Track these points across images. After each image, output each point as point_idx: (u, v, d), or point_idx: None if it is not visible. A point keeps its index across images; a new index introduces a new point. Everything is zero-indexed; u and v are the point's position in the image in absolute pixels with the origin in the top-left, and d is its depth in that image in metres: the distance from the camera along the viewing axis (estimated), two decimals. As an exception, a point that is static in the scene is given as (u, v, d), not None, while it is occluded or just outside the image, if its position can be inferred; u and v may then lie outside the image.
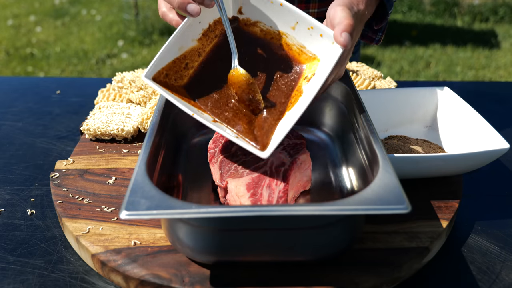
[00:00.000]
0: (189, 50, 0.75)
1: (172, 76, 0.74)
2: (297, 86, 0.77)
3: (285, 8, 0.74)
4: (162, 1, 0.78)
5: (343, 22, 0.68)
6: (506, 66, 3.53)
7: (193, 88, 0.76)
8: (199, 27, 0.75)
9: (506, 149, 0.75)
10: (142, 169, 0.61)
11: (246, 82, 0.74)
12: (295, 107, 0.74)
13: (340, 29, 0.68)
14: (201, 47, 0.76)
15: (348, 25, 0.68)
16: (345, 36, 0.67)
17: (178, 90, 0.74)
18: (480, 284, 0.66)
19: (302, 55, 0.77)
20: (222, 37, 0.78)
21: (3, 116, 1.13)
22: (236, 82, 0.74)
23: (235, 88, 0.75)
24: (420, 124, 0.94)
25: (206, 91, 0.76)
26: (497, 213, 0.80)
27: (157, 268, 0.64)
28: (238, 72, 0.74)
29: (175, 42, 0.73)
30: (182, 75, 0.75)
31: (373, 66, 3.43)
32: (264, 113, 0.75)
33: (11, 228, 0.76)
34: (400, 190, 0.57)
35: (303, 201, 0.75)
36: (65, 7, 4.94)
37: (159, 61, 0.72)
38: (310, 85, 0.74)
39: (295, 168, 0.73)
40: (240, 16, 0.78)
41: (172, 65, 0.74)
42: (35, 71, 3.50)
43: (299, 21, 0.74)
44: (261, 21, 0.78)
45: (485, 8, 4.47)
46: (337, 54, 0.69)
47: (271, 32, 0.78)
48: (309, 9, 1.14)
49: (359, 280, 0.62)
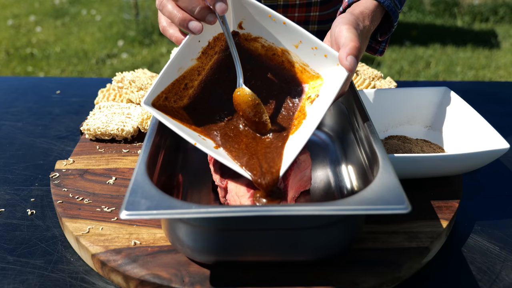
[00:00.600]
0: (189, 70, 0.73)
1: (172, 98, 0.71)
2: (300, 107, 0.74)
3: (288, 26, 0.71)
4: (162, 16, 0.74)
5: (348, 45, 0.66)
6: (506, 66, 3.53)
7: (194, 108, 0.73)
8: (199, 46, 0.72)
9: (506, 149, 0.75)
10: (142, 169, 0.61)
11: (252, 102, 0.71)
12: (300, 132, 0.70)
13: (346, 52, 0.66)
14: (200, 66, 0.74)
15: (354, 48, 0.66)
16: (350, 60, 0.65)
17: (178, 111, 0.71)
18: (480, 284, 0.66)
19: (305, 73, 0.74)
20: (221, 54, 0.75)
21: (3, 116, 1.13)
22: (241, 102, 0.71)
23: (240, 108, 0.72)
24: (420, 124, 0.94)
25: (206, 112, 0.74)
26: (497, 213, 0.80)
27: (157, 268, 0.64)
28: (243, 92, 0.71)
29: (174, 64, 0.70)
30: (182, 95, 0.73)
31: (373, 66, 3.43)
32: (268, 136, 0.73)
33: (11, 228, 0.76)
34: (400, 190, 0.57)
35: (303, 201, 0.75)
36: (65, 7, 4.94)
37: (159, 86, 0.69)
38: (314, 108, 0.71)
39: (295, 168, 0.73)
40: (241, 31, 0.75)
41: (172, 87, 0.71)
42: (35, 71, 3.50)
43: (302, 41, 0.71)
44: (262, 37, 0.75)
45: (485, 8, 4.47)
46: (342, 77, 0.67)
47: (273, 49, 0.75)
48: (310, 13, 1.12)
49: (359, 280, 0.62)
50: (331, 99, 0.67)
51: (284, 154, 0.69)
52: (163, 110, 0.69)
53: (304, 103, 0.74)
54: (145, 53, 3.76)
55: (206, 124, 0.73)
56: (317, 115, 0.68)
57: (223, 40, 0.74)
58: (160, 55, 3.69)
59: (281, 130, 0.73)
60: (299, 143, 0.67)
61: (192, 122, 0.72)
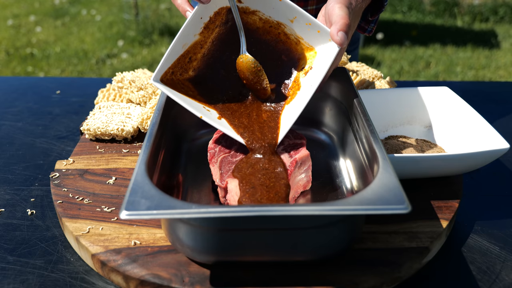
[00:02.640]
0: (192, 44, 0.78)
1: (178, 72, 0.77)
2: (295, 78, 0.81)
3: (284, 3, 0.76)
4: None
5: (339, 22, 0.72)
6: (506, 66, 3.53)
7: (198, 79, 0.79)
8: (201, 22, 0.77)
9: (506, 149, 0.75)
10: (142, 169, 0.61)
11: (255, 68, 0.77)
12: (295, 103, 0.76)
13: (337, 29, 0.72)
14: (202, 40, 0.78)
15: (344, 24, 0.72)
16: (341, 35, 0.71)
17: (184, 83, 0.77)
18: (480, 284, 0.66)
19: (300, 45, 0.80)
20: (222, 27, 0.79)
21: (3, 116, 1.13)
22: (244, 68, 0.77)
23: (243, 74, 0.78)
24: (420, 124, 0.94)
25: (210, 82, 0.79)
26: (497, 213, 0.80)
27: (157, 268, 0.64)
28: (246, 59, 0.77)
29: (178, 42, 0.75)
30: (187, 68, 0.78)
31: (373, 66, 3.43)
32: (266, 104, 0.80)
33: (11, 228, 0.76)
34: (400, 190, 0.57)
35: (303, 201, 0.75)
36: (65, 7, 4.94)
37: (165, 63, 0.74)
38: (307, 80, 0.78)
39: (295, 168, 0.73)
40: (240, 4, 0.79)
41: (177, 62, 0.76)
42: (35, 71, 3.50)
43: (297, 16, 0.77)
44: (260, 11, 0.79)
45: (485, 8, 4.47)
46: (334, 52, 0.73)
47: (270, 22, 0.80)
48: (308, 6, 1.14)
49: (359, 280, 0.62)
50: (324, 71, 0.74)
51: (281, 122, 0.77)
52: (170, 85, 0.75)
53: (298, 74, 0.80)
54: (145, 53, 3.76)
55: (210, 94, 0.79)
56: (310, 87, 0.75)
57: (223, 14, 0.79)
58: (160, 55, 3.68)
59: (278, 100, 0.80)
60: (294, 113, 0.75)
61: (196, 92, 0.78)
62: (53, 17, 4.65)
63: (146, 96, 1.06)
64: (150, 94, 1.07)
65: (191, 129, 0.90)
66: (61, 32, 4.27)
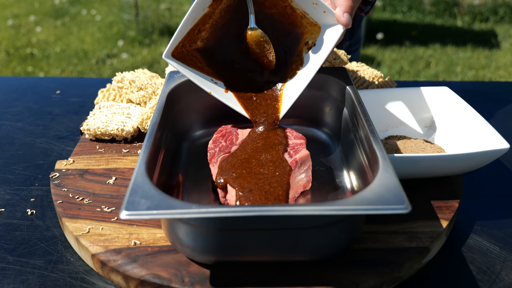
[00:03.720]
0: (201, 17, 0.79)
1: (187, 44, 0.79)
2: (298, 51, 0.84)
3: None
4: None
5: (344, 4, 0.77)
6: (506, 66, 3.53)
7: (206, 50, 0.82)
8: None
9: (506, 149, 0.75)
10: (142, 169, 0.61)
11: (263, 41, 0.81)
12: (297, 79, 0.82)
13: (342, 10, 0.76)
14: (211, 11, 0.80)
15: (349, 6, 0.77)
16: (346, 16, 0.76)
17: (193, 54, 0.81)
18: (480, 284, 0.66)
19: (305, 19, 0.82)
20: None
21: (3, 116, 1.13)
22: (252, 40, 0.81)
23: (250, 46, 0.82)
24: (420, 124, 0.94)
25: (218, 53, 0.82)
26: (497, 213, 0.80)
27: (157, 268, 0.64)
28: (255, 31, 0.80)
29: (189, 18, 0.77)
30: (196, 39, 0.80)
31: (373, 66, 3.43)
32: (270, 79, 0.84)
33: (11, 228, 0.76)
34: (400, 190, 0.57)
35: (303, 201, 0.75)
36: (65, 7, 4.94)
37: (176, 39, 0.77)
38: (310, 56, 0.82)
39: (295, 168, 0.73)
40: None
41: (187, 36, 0.79)
42: (35, 71, 3.50)
43: None
44: None
45: (485, 8, 4.47)
46: (338, 32, 0.78)
47: None
48: None
49: (359, 280, 0.62)
50: (327, 51, 0.79)
51: (284, 97, 0.82)
52: (181, 58, 0.79)
53: (302, 47, 0.83)
54: (145, 53, 3.76)
55: (218, 65, 0.83)
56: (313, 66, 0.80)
57: None
58: (160, 55, 3.68)
59: (280, 72, 0.85)
60: (296, 90, 0.80)
61: (205, 63, 0.82)
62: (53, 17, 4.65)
63: (146, 96, 1.06)
64: (150, 94, 1.07)
65: (191, 129, 0.90)
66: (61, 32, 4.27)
